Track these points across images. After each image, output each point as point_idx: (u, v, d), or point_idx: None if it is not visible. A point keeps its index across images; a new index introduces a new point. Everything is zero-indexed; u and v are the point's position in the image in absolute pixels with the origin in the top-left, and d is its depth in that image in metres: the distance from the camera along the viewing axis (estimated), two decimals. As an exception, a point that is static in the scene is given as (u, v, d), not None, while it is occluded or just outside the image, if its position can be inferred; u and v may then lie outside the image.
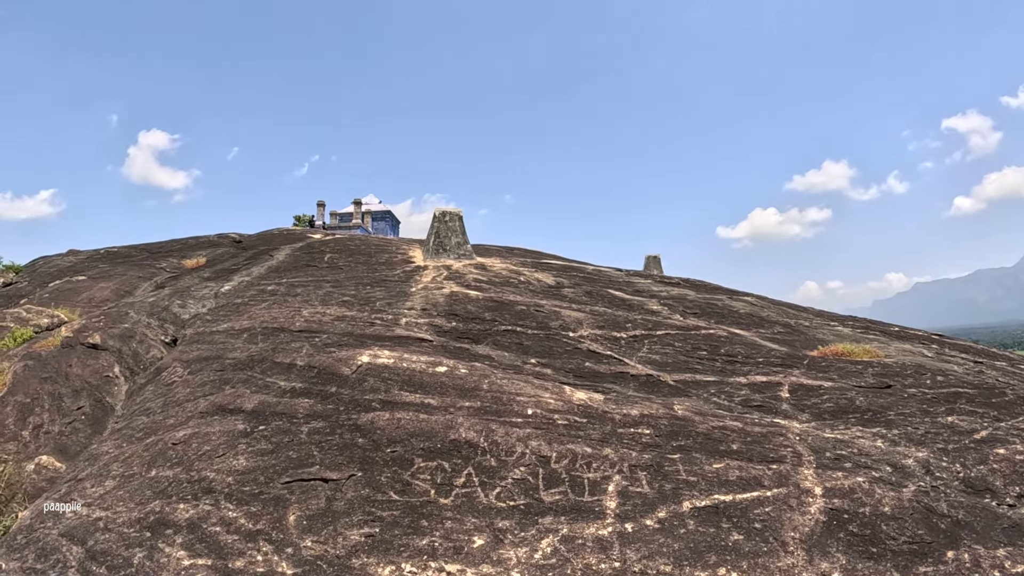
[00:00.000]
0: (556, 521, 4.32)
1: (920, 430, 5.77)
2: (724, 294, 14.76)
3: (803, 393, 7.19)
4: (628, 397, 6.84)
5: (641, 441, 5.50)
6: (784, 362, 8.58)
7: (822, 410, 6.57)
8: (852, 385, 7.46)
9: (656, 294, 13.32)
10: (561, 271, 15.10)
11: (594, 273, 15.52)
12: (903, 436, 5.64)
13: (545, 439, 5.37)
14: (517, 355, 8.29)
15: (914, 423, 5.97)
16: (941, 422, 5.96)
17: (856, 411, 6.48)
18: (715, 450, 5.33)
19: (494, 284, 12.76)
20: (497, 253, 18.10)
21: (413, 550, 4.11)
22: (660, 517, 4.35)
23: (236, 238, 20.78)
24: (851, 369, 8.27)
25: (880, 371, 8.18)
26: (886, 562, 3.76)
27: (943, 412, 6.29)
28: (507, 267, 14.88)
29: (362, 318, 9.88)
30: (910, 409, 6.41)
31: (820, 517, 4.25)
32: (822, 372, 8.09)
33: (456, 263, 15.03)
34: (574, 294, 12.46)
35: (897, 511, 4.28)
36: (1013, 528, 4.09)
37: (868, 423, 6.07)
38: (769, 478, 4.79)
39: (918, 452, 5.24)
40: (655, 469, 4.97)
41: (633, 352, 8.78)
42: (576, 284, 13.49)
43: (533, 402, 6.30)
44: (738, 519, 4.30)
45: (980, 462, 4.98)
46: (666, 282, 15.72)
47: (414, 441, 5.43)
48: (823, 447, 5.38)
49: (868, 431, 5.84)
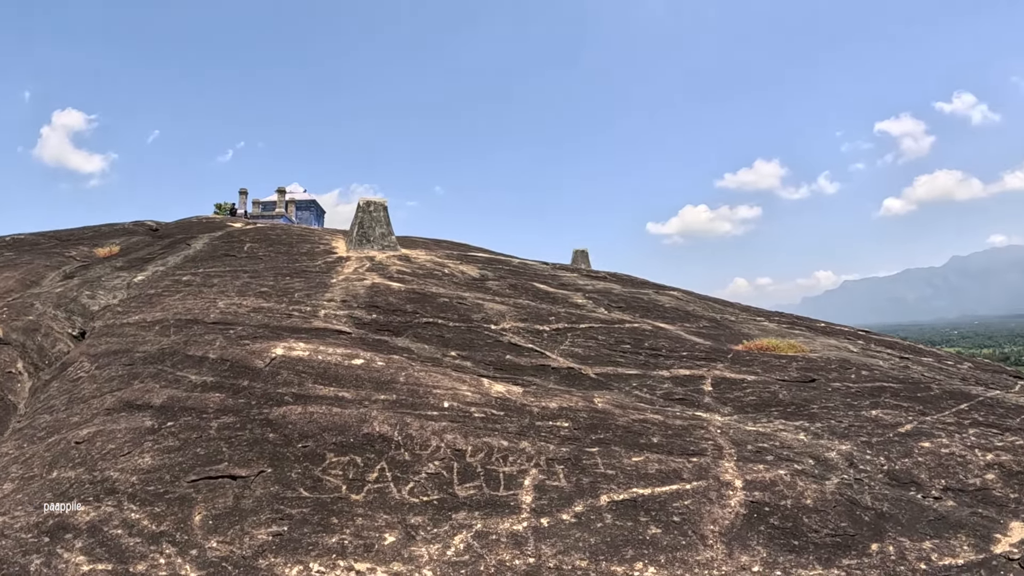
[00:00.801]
0: (470, 516, 4.53)
1: (844, 423, 6.15)
2: (650, 288, 15.62)
3: (726, 386, 7.62)
4: (548, 390, 7.16)
5: (559, 434, 5.76)
6: (708, 356, 9.09)
7: (745, 403, 7.01)
8: (776, 379, 7.95)
9: (581, 288, 14.03)
10: (486, 264, 15.82)
11: (520, 266, 16.32)
12: (826, 429, 6.02)
13: (461, 432, 5.64)
14: (437, 348, 8.73)
15: (838, 416, 6.37)
16: (865, 416, 6.37)
17: (779, 404, 6.92)
18: (635, 443, 5.60)
19: (417, 276, 13.40)
20: (423, 245, 18.87)
21: (322, 549, 4.26)
22: (577, 511, 4.56)
23: (152, 226, 21.47)
24: (775, 363, 8.82)
25: (804, 365, 8.74)
26: (808, 555, 4.01)
27: (867, 406, 6.72)
28: (432, 259, 15.58)
29: (279, 310, 10.35)
30: (834, 403, 6.84)
31: (740, 510, 4.50)
32: (746, 366, 8.60)
33: (380, 254, 15.75)
34: (498, 287, 13.08)
35: (820, 504, 4.55)
36: (939, 520, 4.40)
37: (791, 416, 6.48)
38: (689, 471, 5.08)
39: (841, 445, 5.60)
40: (573, 463, 5.20)
41: (555, 345, 9.27)
42: (501, 277, 14.15)
43: (450, 395, 6.62)
44: (657, 512, 4.52)
45: (905, 455, 5.35)
46: (592, 276, 16.52)
47: (326, 435, 5.68)
48: (745, 440, 5.72)
49: (791, 424, 6.23)
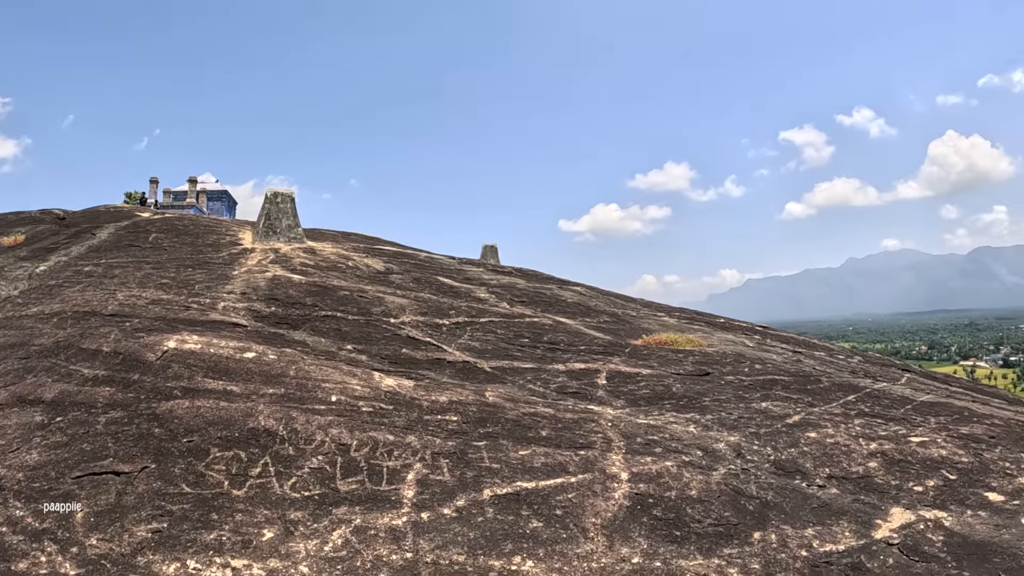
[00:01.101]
0: (350, 512, 4.58)
1: (734, 415, 6.36)
2: (554, 283, 16.14)
3: (620, 380, 7.82)
4: (441, 384, 7.26)
5: (447, 428, 5.86)
6: (606, 350, 9.34)
7: (638, 396, 7.21)
8: (671, 372, 8.19)
9: (486, 282, 14.37)
10: (393, 257, 16.08)
11: (426, 260, 16.62)
12: (716, 421, 6.22)
13: (347, 427, 5.71)
14: (334, 341, 8.84)
15: (728, 409, 6.59)
16: (755, 408, 6.62)
17: (672, 397, 7.12)
18: (523, 436, 5.70)
19: (321, 269, 13.54)
20: (332, 238, 19.05)
21: (200, 545, 4.29)
22: (458, 506, 4.61)
23: (60, 214, 21.33)
24: (671, 357, 9.11)
25: (700, 359, 9.05)
26: (689, 545, 4.12)
27: (758, 398, 7.00)
28: (337, 252, 15.78)
29: (179, 301, 10.39)
30: (726, 396, 7.09)
31: (624, 502, 4.60)
32: (642, 360, 8.87)
33: (285, 246, 16.02)
34: (402, 280, 13.28)
35: (704, 494, 4.69)
36: (823, 508, 4.60)
37: (683, 409, 6.68)
38: (575, 464, 5.18)
39: (730, 436, 5.79)
40: (458, 456, 5.27)
41: (454, 339, 9.44)
42: (406, 271, 14.39)
43: (339, 388, 6.70)
44: (539, 506, 4.58)
45: (791, 445, 5.58)
46: (498, 271, 16.99)
47: (212, 430, 5.76)
48: (635, 433, 5.86)
49: (682, 417, 6.41)
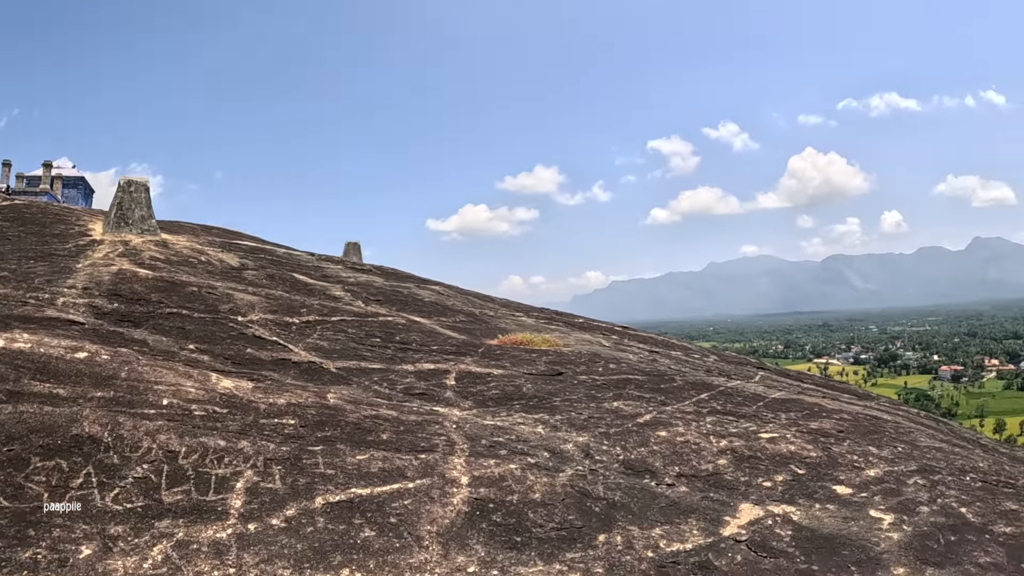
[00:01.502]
0: (174, 524, 4.30)
1: (584, 415, 6.36)
2: (412, 282, 16.08)
3: (470, 380, 7.73)
4: (283, 385, 7.00)
5: (283, 432, 5.60)
6: (458, 350, 9.26)
7: (487, 397, 7.12)
8: (523, 373, 8.16)
9: (343, 280, 14.20)
10: (249, 253, 15.76)
11: (284, 256, 16.41)
12: (566, 422, 6.19)
13: (177, 432, 5.39)
14: (175, 340, 8.50)
15: (579, 408, 6.59)
16: (607, 407, 6.65)
17: (522, 398, 7.07)
18: (362, 440, 5.50)
19: (171, 263, 13.09)
20: (189, 231, 18.39)
21: (15, 565, 3.94)
22: (288, 515, 4.37)
23: None
24: (525, 357, 9.10)
25: (554, 359, 9.08)
26: (530, 551, 4.02)
27: (611, 398, 7.05)
28: (192, 246, 15.36)
29: (15, 296, 9.63)
30: (577, 395, 7.10)
31: (463, 508, 4.46)
32: (495, 360, 8.82)
33: (137, 239, 15.34)
34: (255, 276, 13.00)
35: (549, 497, 4.62)
36: (671, 507, 4.62)
37: (532, 409, 6.62)
38: (414, 469, 5.01)
39: (579, 437, 5.77)
40: (292, 462, 5.03)
41: (302, 338, 9.22)
42: (261, 267, 14.09)
43: (172, 391, 6.35)
44: (373, 514, 4.39)
45: (642, 444, 5.61)
46: (357, 268, 16.82)
47: (34, 437, 5.30)
48: (480, 434, 5.76)
49: (531, 417, 6.35)
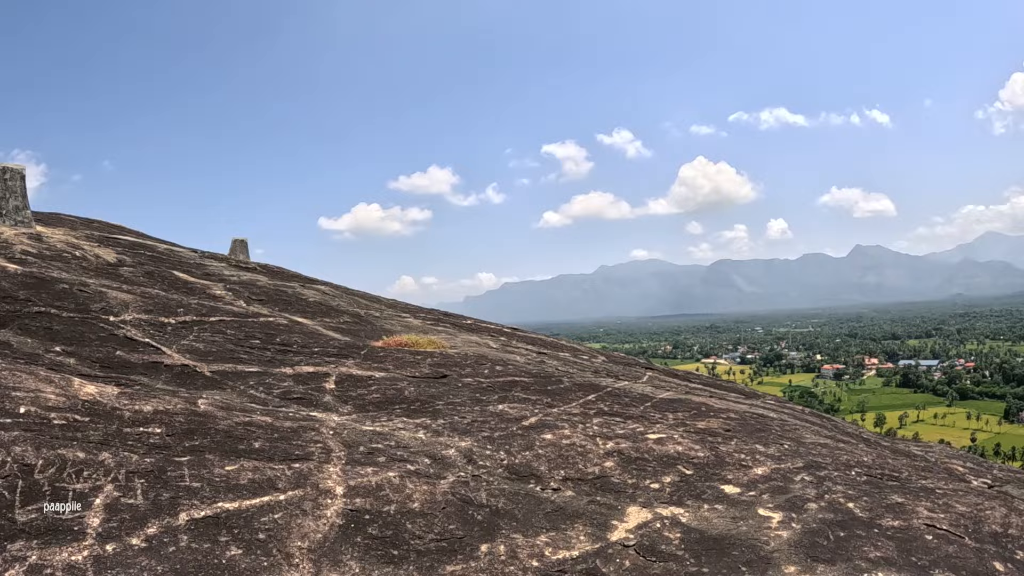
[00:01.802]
0: (27, 547, 3.94)
1: (468, 419, 6.22)
2: (298, 281, 15.81)
3: (351, 384, 7.50)
4: (151, 391, 6.66)
5: (148, 442, 5.26)
6: (341, 352, 9.02)
7: (367, 401, 6.90)
8: (406, 375, 7.97)
9: (226, 278, 13.88)
10: (129, 248, 15.26)
11: (166, 252, 15.98)
12: (448, 426, 6.03)
13: (34, 443, 4.97)
14: (41, 342, 8.09)
15: (463, 412, 6.45)
16: (492, 410, 6.53)
17: (404, 402, 6.88)
18: (233, 449, 5.24)
19: (44, 258, 12.57)
20: (69, 224, 17.61)
21: None
22: (149, 534, 4.06)
23: None
24: (409, 359, 8.91)
25: (439, 361, 8.91)
26: (408, 565, 3.84)
27: (496, 400, 6.93)
28: (68, 240, 14.78)
29: None
30: (461, 399, 6.96)
31: (337, 521, 4.25)
32: (378, 362, 8.59)
33: (9, 231, 14.84)
34: (132, 273, 12.57)
35: (429, 506, 4.45)
36: (557, 512, 4.53)
37: (414, 414, 6.44)
38: (287, 479, 4.76)
39: (462, 442, 5.62)
40: (156, 475, 4.70)
41: (177, 340, 8.90)
42: (140, 263, 13.65)
43: (31, 398, 5.89)
44: (241, 530, 4.13)
45: (527, 448, 5.51)
46: (241, 266, 16.51)
47: None
48: (359, 441, 5.54)
49: (412, 422, 6.16)
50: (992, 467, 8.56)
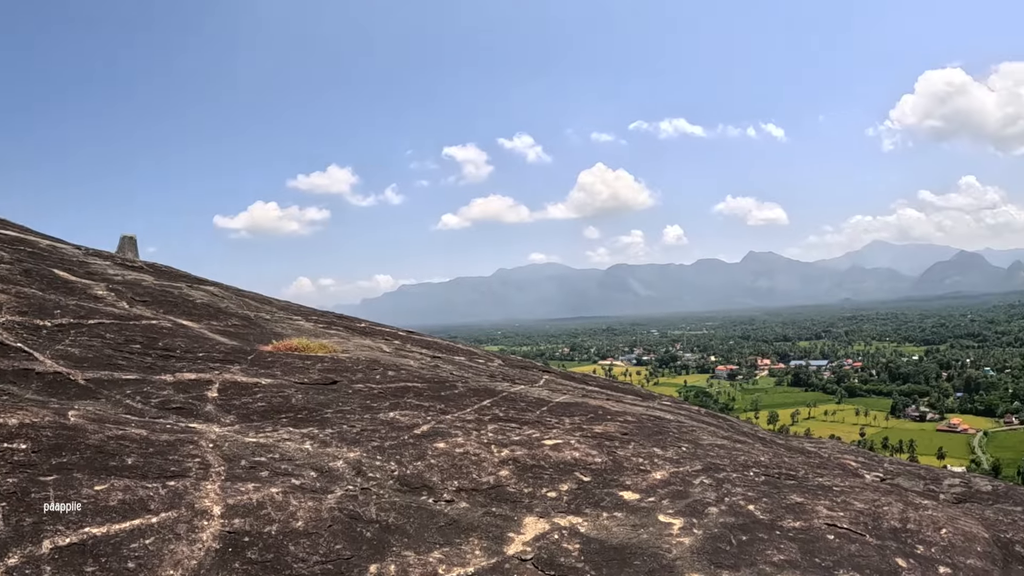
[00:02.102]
0: None
1: (357, 428, 5.97)
2: (186, 281, 15.17)
3: (235, 392, 7.16)
4: (19, 401, 6.12)
5: (12, 460, 4.77)
6: (227, 357, 8.65)
7: (252, 410, 6.59)
8: (294, 382, 7.67)
9: (110, 278, 13.23)
10: (8, 244, 14.33)
11: (48, 249, 15.09)
12: (336, 435, 5.78)
13: None
14: None
15: (352, 420, 6.20)
16: (382, 418, 6.31)
17: (291, 410, 6.59)
18: (104, 466, 4.82)
19: None
20: None
21: None
22: (10, 565, 3.65)
23: None
24: (299, 365, 8.60)
25: (329, 367, 8.64)
26: (289, 591, 3.66)
27: (387, 407, 6.71)
28: None
29: None
30: (351, 406, 6.72)
31: (213, 545, 3.96)
32: (265, 368, 8.26)
33: None
34: (9, 271, 11.75)
35: (314, 525, 4.21)
36: (450, 525, 4.34)
37: (301, 423, 6.16)
38: (160, 499, 4.43)
39: (350, 452, 5.38)
40: (19, 498, 4.26)
41: (51, 344, 8.28)
42: (18, 260, 12.80)
43: None
44: (108, 559, 3.78)
45: (418, 458, 5.30)
46: (128, 265, 15.79)
47: None
48: (241, 454, 5.24)
49: (299, 432, 5.89)
50: (883, 461, 8.79)
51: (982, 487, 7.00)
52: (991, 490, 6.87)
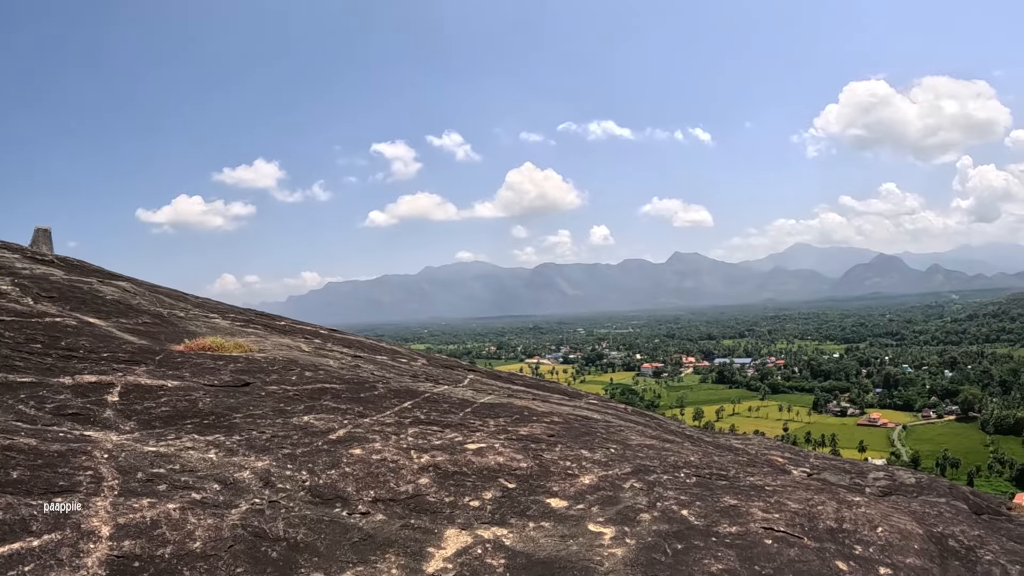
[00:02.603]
0: None
1: (267, 434, 5.58)
2: (97, 276, 14.58)
3: (138, 395, 6.68)
4: None
5: None
6: (133, 358, 8.14)
7: (155, 416, 6.12)
8: (203, 384, 7.23)
9: (17, 272, 12.69)
10: None
11: None
12: (245, 443, 5.37)
13: None
14: None
15: (263, 426, 5.79)
16: (296, 423, 5.92)
17: (197, 415, 6.15)
18: None
19: None
20: None
21: None
22: None
23: None
24: (210, 365, 8.14)
25: (243, 367, 8.20)
26: (180, 622, 3.31)
27: (302, 411, 6.33)
28: None
29: None
30: (263, 410, 6.31)
31: (99, 571, 3.55)
32: (173, 369, 7.79)
33: None
34: None
35: (213, 545, 3.81)
36: (365, 541, 4.02)
37: (207, 429, 5.73)
38: (44, 519, 3.99)
39: (259, 461, 4.98)
40: None
41: None
42: None
43: None
44: (-21, 590, 3.41)
45: (332, 466, 4.94)
46: (37, 259, 15.23)
47: None
48: (138, 465, 4.81)
49: (203, 439, 5.46)
50: (808, 456, 8.84)
51: (906, 480, 7.09)
52: (915, 483, 6.94)
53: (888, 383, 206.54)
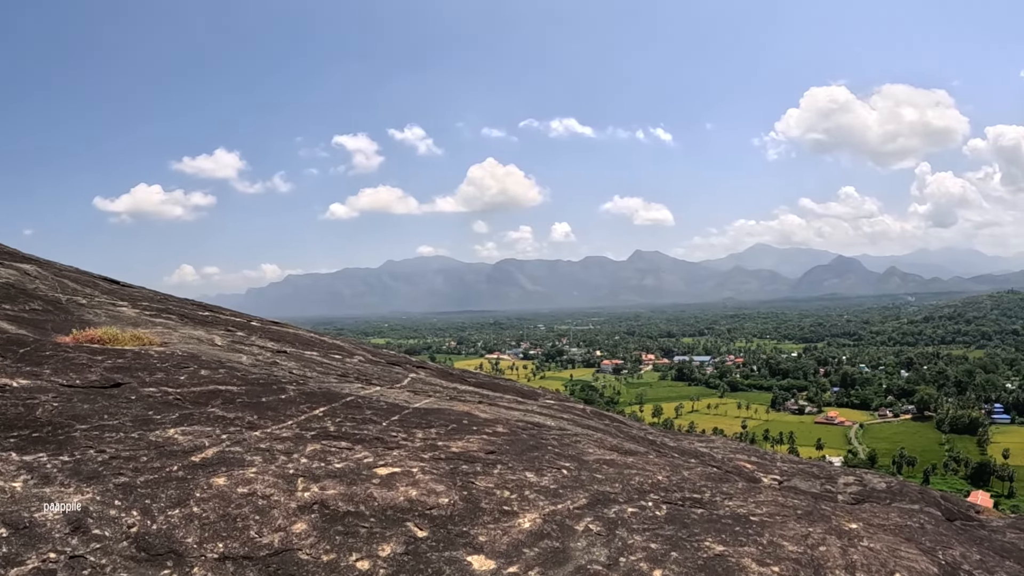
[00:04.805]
0: None
1: (108, 453, 4.14)
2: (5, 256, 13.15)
3: (-28, 400, 5.26)
4: None
5: None
6: None
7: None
8: (59, 384, 5.78)
9: None
10: None
11: None
12: (72, 466, 3.91)
13: None
14: None
15: (109, 441, 4.34)
16: (154, 438, 4.52)
17: (27, 426, 4.63)
18: None
19: None
20: None
21: None
22: None
23: None
24: (82, 360, 6.69)
25: (126, 363, 6.79)
26: None
27: (172, 421, 4.93)
28: None
29: None
30: (120, 419, 4.86)
31: None
32: (33, 365, 6.31)
33: None
34: None
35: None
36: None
37: (31, 445, 4.23)
38: None
39: (79, 493, 3.54)
40: None
41: None
42: None
43: None
44: None
45: (178, 503, 3.58)
46: None
47: None
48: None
49: (19, 459, 3.97)
50: (775, 459, 8.27)
51: (877, 485, 6.86)
52: (885, 488, 6.75)
53: (845, 382, 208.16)
